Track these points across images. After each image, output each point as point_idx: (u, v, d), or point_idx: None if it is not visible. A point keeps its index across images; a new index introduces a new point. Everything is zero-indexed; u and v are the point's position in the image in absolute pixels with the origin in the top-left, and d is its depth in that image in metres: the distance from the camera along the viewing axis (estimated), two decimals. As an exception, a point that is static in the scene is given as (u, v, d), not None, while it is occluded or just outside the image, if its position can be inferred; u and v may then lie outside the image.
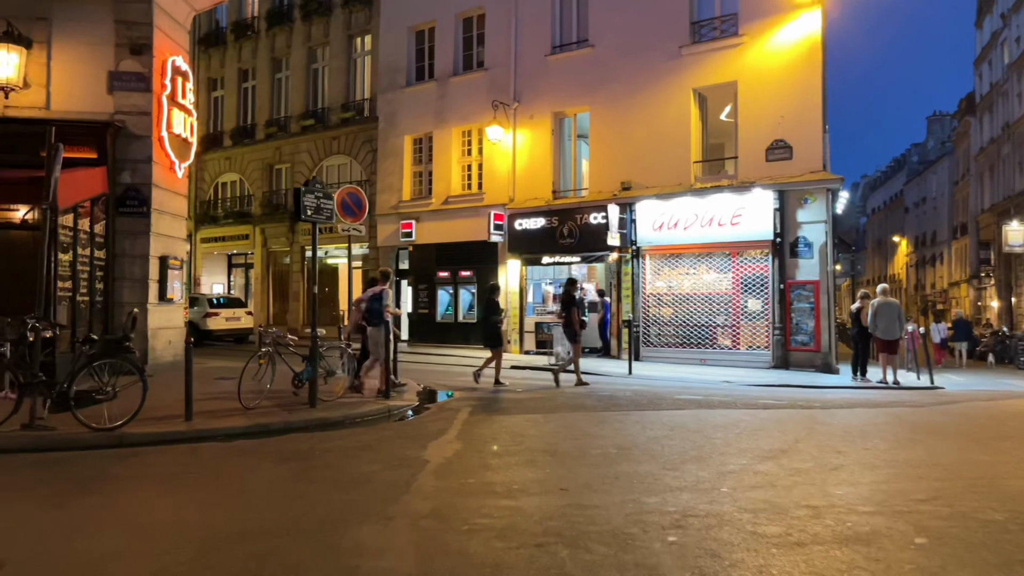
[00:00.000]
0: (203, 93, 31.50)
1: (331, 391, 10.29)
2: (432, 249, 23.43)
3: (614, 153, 19.81)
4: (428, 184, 23.93)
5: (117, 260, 12.98)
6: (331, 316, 27.12)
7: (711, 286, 18.38)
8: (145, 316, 13.01)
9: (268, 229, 28.69)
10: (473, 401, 10.92)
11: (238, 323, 25.06)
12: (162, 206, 13.49)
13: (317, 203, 9.80)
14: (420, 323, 23.79)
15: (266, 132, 28.83)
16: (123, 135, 13.01)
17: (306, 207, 9.60)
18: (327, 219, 10.00)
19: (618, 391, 12.17)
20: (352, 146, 26.13)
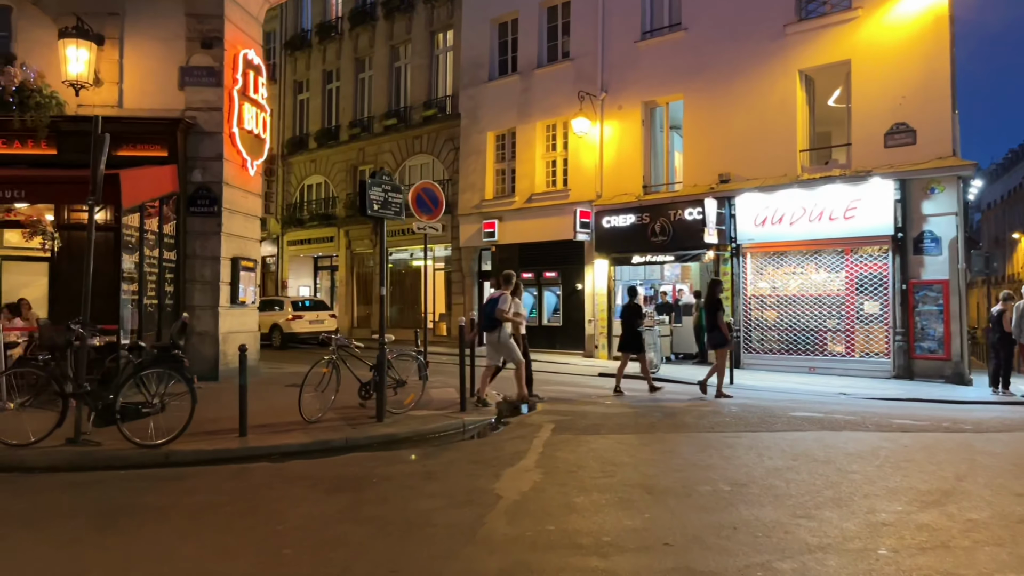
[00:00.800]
0: (289, 96, 31.61)
1: (401, 403, 9.39)
2: (515, 249, 22.45)
3: (710, 143, 18.32)
4: (511, 182, 22.97)
5: (188, 262, 12.52)
6: (414, 319, 26.57)
7: (821, 286, 16.66)
8: (216, 320, 12.50)
9: (352, 231, 28.39)
10: (557, 416, 9.81)
11: (321, 326, 24.69)
12: (233, 205, 12.97)
13: (384, 197, 8.91)
14: (504, 326, 22.81)
15: (350, 133, 28.55)
16: (194, 132, 12.54)
17: (372, 201, 8.71)
18: (395, 214, 9.09)
19: (721, 405, 10.82)
20: (434, 145, 25.46)
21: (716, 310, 12.24)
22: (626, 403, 11.22)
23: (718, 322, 12.16)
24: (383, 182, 8.89)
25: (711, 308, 12.40)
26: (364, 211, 8.62)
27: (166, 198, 12.10)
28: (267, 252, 32.22)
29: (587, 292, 20.50)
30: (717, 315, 12.18)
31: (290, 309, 24.30)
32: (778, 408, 10.38)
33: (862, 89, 16.09)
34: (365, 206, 8.63)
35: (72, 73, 11.73)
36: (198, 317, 12.49)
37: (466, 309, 24.00)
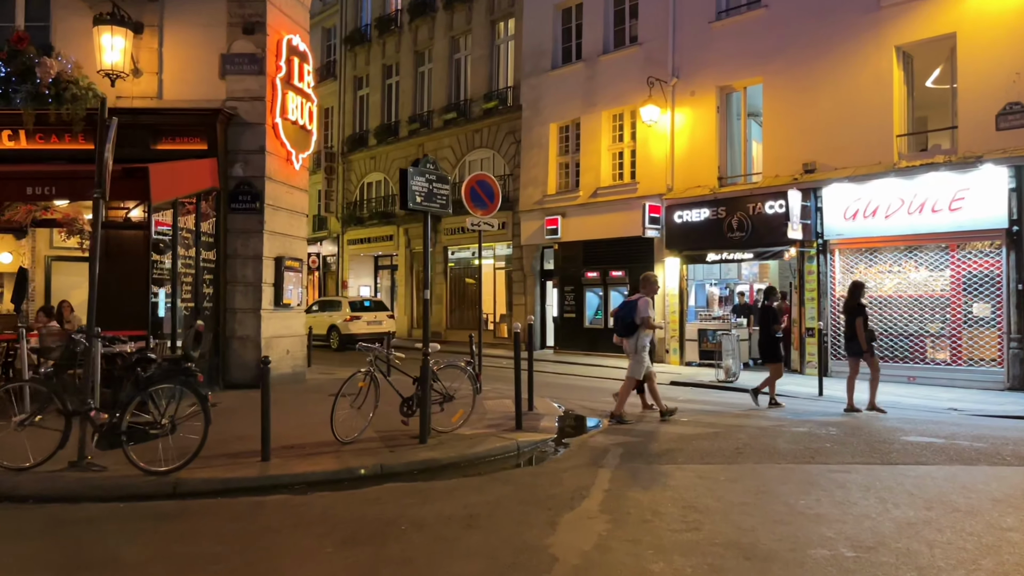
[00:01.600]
0: (349, 93, 31.11)
1: (449, 420, 8.33)
2: (579, 247, 21.22)
3: (793, 130, 16.73)
4: (575, 176, 21.75)
5: (228, 262, 11.76)
6: (474, 321, 25.61)
7: (921, 286, 14.93)
8: (259, 323, 11.71)
9: (411, 229, 27.62)
10: (625, 436, 8.60)
11: (379, 327, 23.99)
12: (277, 201, 12.17)
13: (429, 188, 7.86)
14: (566, 328, 21.64)
15: (409, 129, 27.79)
16: (235, 124, 11.78)
17: (414, 192, 7.66)
18: (441, 208, 8.03)
19: (816, 424, 9.41)
20: (495, 139, 24.44)
21: (856, 315, 10.90)
22: (704, 420, 9.91)
23: (857, 329, 10.84)
24: (427, 171, 7.84)
25: (851, 313, 11.04)
26: (405, 204, 7.58)
27: (205, 194, 11.35)
28: (328, 251, 31.82)
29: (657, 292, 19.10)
30: (857, 321, 10.85)
31: (347, 310, 23.66)
32: (885, 429, 8.92)
33: (969, 66, 14.30)
34: (406, 198, 7.58)
35: (107, 62, 11.09)
36: (239, 321, 11.73)
37: (527, 310, 22.91)
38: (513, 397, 10.41)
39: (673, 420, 9.78)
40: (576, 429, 9.49)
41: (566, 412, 10.61)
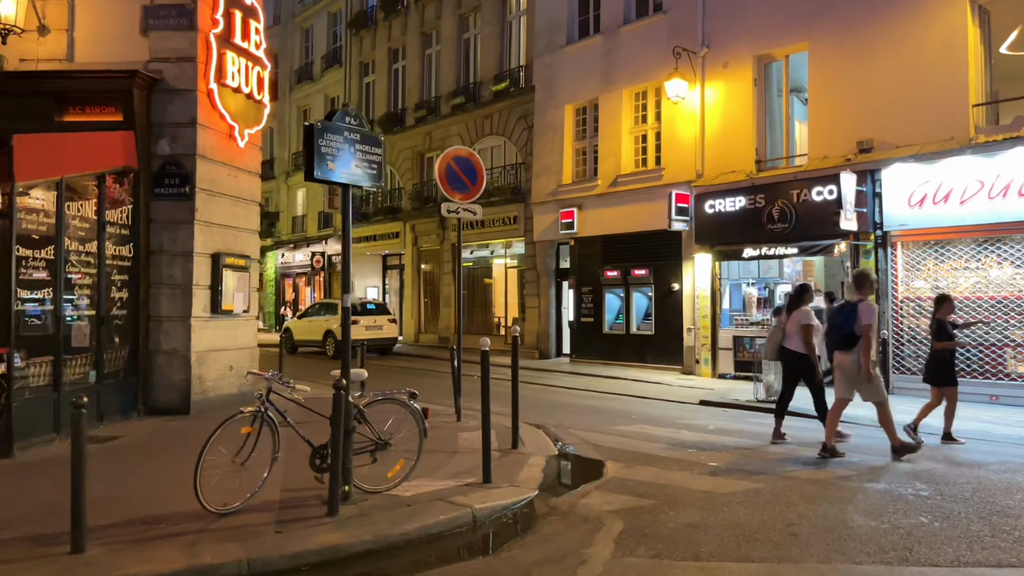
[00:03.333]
0: (355, 81, 29.08)
1: (383, 476, 6.05)
2: (597, 243, 18.83)
3: (845, 103, 14.18)
4: (592, 163, 19.37)
5: (152, 259, 9.63)
6: (486, 324, 23.38)
7: (1005, 286, 12.31)
8: (187, 334, 9.55)
9: (418, 226, 25.46)
10: (631, 496, 6.24)
11: (380, 332, 21.86)
12: (215, 185, 10.01)
13: (349, 150, 5.59)
14: (583, 335, 19.25)
15: (415, 117, 25.63)
16: (160, 91, 9.65)
17: (324, 157, 5.40)
18: (373, 181, 5.76)
19: (897, 476, 6.96)
20: (506, 124, 22.14)
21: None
22: (741, 463, 7.50)
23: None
24: (343, 127, 5.57)
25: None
26: (311, 174, 5.33)
27: (118, 175, 9.22)
28: (333, 251, 29.84)
29: (686, 293, 16.69)
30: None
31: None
32: (995, 483, 6.45)
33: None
34: (313, 166, 5.32)
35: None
36: (165, 331, 9.59)
37: (541, 313, 20.59)
38: (506, 425, 8.22)
39: (698, 463, 7.40)
40: (571, 479, 7.18)
41: (562, 451, 8.28)
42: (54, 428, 7.77)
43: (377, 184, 5.79)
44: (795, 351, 8.77)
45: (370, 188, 5.86)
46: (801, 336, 8.64)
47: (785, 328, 9.00)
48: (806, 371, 8.71)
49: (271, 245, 34.10)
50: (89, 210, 8.57)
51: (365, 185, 5.71)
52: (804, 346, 8.62)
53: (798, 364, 8.77)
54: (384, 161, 5.85)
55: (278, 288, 34.10)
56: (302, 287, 32.54)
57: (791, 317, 8.88)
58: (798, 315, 8.78)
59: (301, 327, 23.18)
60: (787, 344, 8.88)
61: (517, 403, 8.26)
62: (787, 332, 8.92)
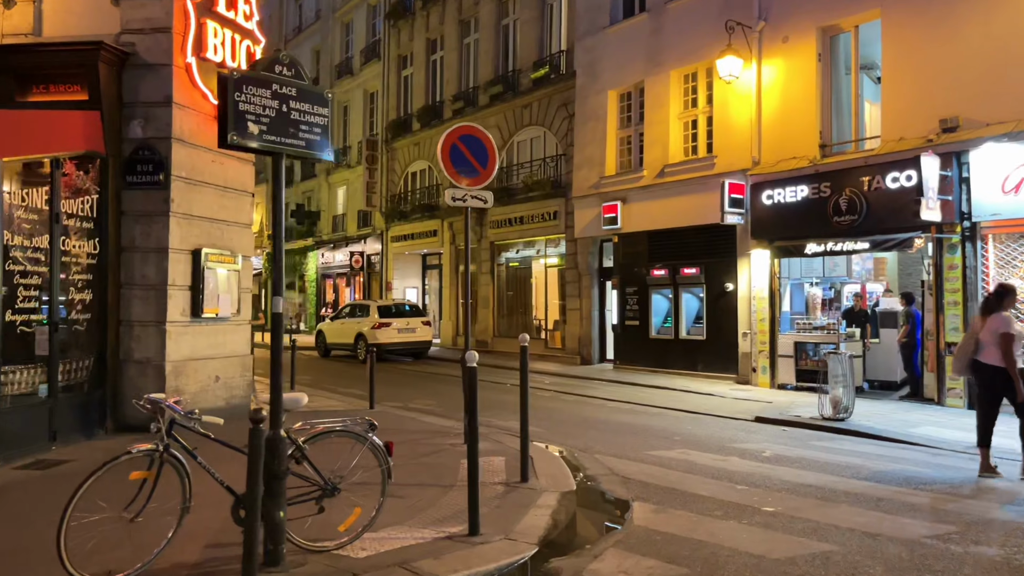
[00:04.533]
0: (393, 74, 28.06)
1: (332, 529, 4.71)
2: (642, 239, 17.27)
3: (925, 75, 12.37)
4: (638, 152, 17.81)
5: (124, 256, 8.55)
6: (525, 326, 21.98)
7: (1124, 286, 10.39)
8: (162, 341, 8.43)
9: (456, 223, 24.20)
10: (656, 561, 4.80)
11: (413, 335, 20.71)
12: (195, 173, 8.87)
13: (280, 109, 4.29)
14: (628, 339, 17.70)
15: (453, 109, 24.42)
16: (132, 66, 8.56)
17: (244, 116, 4.11)
18: (316, 149, 4.45)
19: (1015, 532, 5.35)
20: (545, 114, 20.73)
21: None
22: (806, 509, 5.96)
23: None
24: (273, 78, 4.27)
25: None
26: (222, 138, 4.04)
27: (82, 160, 8.16)
28: (372, 250, 28.89)
29: (741, 294, 15.03)
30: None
31: (375, 316, 20.41)
32: None
33: None
34: (226, 127, 4.04)
35: (-55, -19, 8.06)
36: (137, 338, 8.50)
37: (583, 316, 19.11)
38: (519, 449, 6.87)
39: (753, 506, 5.90)
40: (585, 528, 5.75)
41: (583, 484, 6.85)
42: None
43: (318, 155, 4.47)
44: (992, 365, 7.12)
45: (315, 159, 4.54)
46: (999, 347, 6.99)
47: (979, 337, 7.30)
48: (1005, 388, 7.05)
49: (312, 245, 33.39)
50: (39, 200, 7.50)
51: (303, 154, 4.40)
52: (1003, 358, 6.97)
53: (994, 380, 7.12)
54: (332, 124, 4.52)
55: (319, 289, 33.35)
56: (342, 288, 31.70)
57: (986, 324, 7.20)
58: (995, 321, 7.11)
59: (333, 330, 22.19)
60: (981, 357, 7.21)
61: (527, 426, 6.88)
62: (981, 342, 7.24)
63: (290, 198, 35.88)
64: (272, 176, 4.44)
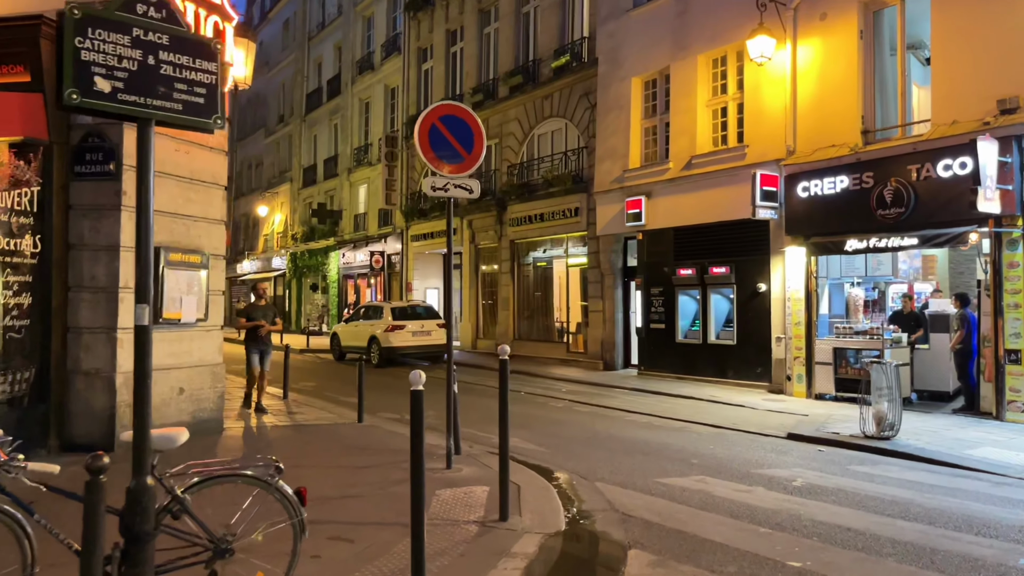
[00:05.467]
0: (413, 69, 27.20)
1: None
2: (668, 236, 16.08)
3: (979, 52, 11.04)
4: (664, 143, 16.63)
5: (72, 255, 7.68)
6: (546, 331, 20.93)
7: None
8: (113, 350, 7.55)
9: (475, 220, 23.24)
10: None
11: (428, 338, 19.74)
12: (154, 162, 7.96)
13: (143, 60, 3.31)
14: (653, 343, 16.52)
15: (472, 102, 23.42)
16: (81, 44, 7.68)
17: (86, 65, 3.14)
18: (195, 115, 3.46)
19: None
20: (567, 104, 19.63)
21: None
22: (849, 567, 4.82)
23: None
24: (132, 21, 3.29)
25: None
26: (59, 97, 3.07)
27: (21, 148, 7.31)
28: (392, 250, 28.07)
29: (774, 295, 13.79)
30: None
31: (389, 318, 19.51)
32: None
33: None
34: (62, 82, 3.07)
35: None
36: (85, 346, 7.63)
37: (605, 318, 17.98)
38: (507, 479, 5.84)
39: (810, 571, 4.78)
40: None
41: (573, 523, 5.78)
42: None
43: (200, 123, 3.48)
44: None
45: (194, 127, 3.55)
46: None
47: None
48: None
49: (334, 245, 32.72)
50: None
51: (178, 120, 3.42)
52: None
53: None
54: (220, 81, 3.52)
55: (340, 290, 32.65)
56: (363, 288, 30.94)
57: None
58: None
59: (347, 332, 21.36)
60: None
61: (507, 453, 5.83)
62: None
63: (312, 197, 35.30)
64: (137, 150, 3.45)
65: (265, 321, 11.07)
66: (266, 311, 11.40)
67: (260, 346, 11.05)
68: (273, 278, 40.22)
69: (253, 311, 11.34)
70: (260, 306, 11.48)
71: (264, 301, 11.83)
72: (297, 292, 36.90)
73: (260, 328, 11.02)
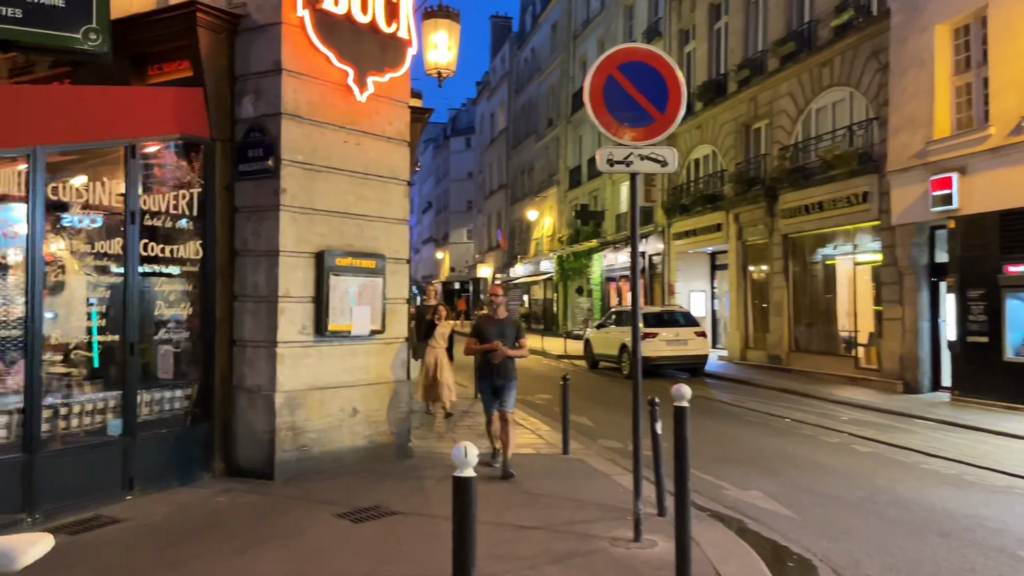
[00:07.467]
0: (675, 53, 25.04)
1: None
2: (991, 222, 12.34)
3: None
4: (981, 105, 12.88)
5: (238, 261, 7.06)
6: (827, 339, 17.67)
7: None
8: (272, 366, 6.78)
9: (742, 214, 20.52)
10: None
11: (684, 348, 17.65)
12: (317, 156, 7.10)
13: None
14: (971, 362, 12.81)
15: (737, 80, 20.78)
16: (244, 31, 7.05)
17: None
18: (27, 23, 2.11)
19: None
20: (850, 70, 16.30)
21: None
22: None
23: None
24: None
25: None
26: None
27: (182, 147, 6.81)
28: (654, 250, 26.20)
29: None
30: None
31: (640, 325, 17.64)
32: None
33: None
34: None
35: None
36: (248, 360, 6.95)
37: (905, 328, 14.52)
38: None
39: None
40: None
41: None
42: (23, 506, 5.45)
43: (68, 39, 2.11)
44: None
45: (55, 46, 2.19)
46: None
47: None
48: None
49: (597, 247, 31.61)
50: (105, 196, 6.20)
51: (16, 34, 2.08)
52: None
53: None
54: None
55: (604, 293, 31.42)
56: (625, 291, 29.40)
57: None
58: None
59: (599, 339, 19.96)
60: None
61: (687, 520, 3.86)
62: None
63: (577, 198, 34.58)
64: None
65: (501, 342, 7.33)
66: (503, 327, 7.49)
67: (492, 378, 7.39)
68: (542, 281, 40.30)
69: (485, 326, 7.57)
70: (498, 319, 7.58)
71: (503, 309, 7.72)
72: (564, 295, 36.48)
73: (491, 352, 7.34)
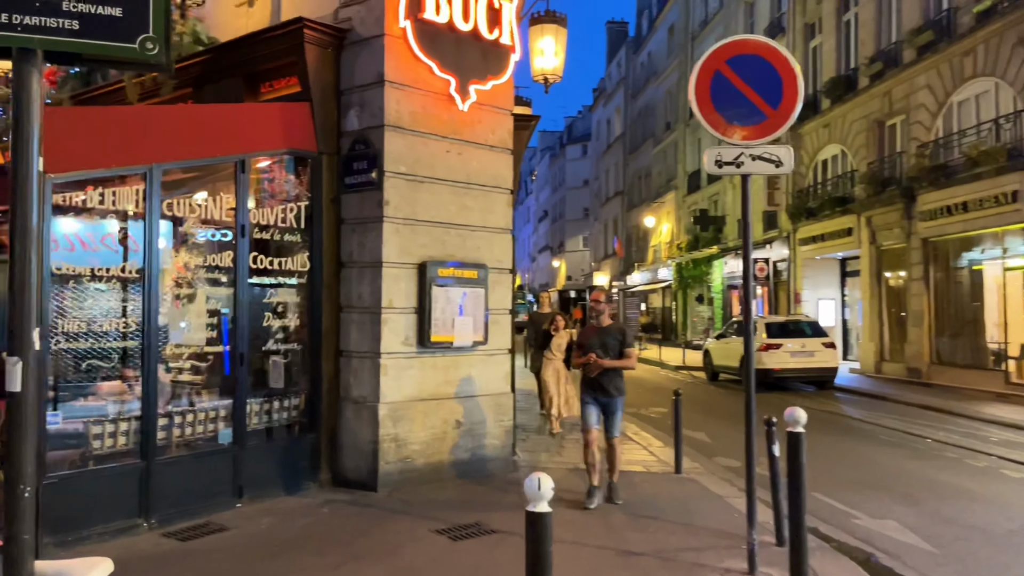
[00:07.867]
0: (799, 50, 23.90)
1: None
2: None
3: None
4: None
5: (343, 273, 7.14)
6: (973, 350, 16.23)
7: None
8: (376, 377, 6.80)
9: (875, 217, 19.22)
10: None
11: (810, 359, 16.66)
12: (420, 167, 7.08)
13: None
14: None
15: (869, 74, 19.52)
16: (349, 45, 7.14)
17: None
18: (82, 35, 2.07)
19: None
20: (996, 58, 14.95)
21: None
22: None
23: None
24: None
25: None
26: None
27: (290, 161, 6.97)
28: (778, 256, 25.05)
29: None
30: None
31: (763, 335, 16.87)
32: None
33: None
34: None
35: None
36: (354, 371, 7.00)
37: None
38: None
39: None
40: None
41: None
42: (139, 511, 5.67)
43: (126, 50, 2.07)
44: None
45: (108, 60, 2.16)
46: None
47: None
48: None
49: (717, 253, 30.55)
50: (218, 211, 6.40)
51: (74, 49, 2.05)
52: None
53: None
54: None
55: (725, 301, 30.32)
56: (748, 300, 28.21)
57: None
58: None
59: (719, 350, 19.19)
60: None
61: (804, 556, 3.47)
62: None
63: (696, 203, 33.60)
64: (15, 90, 2.17)
65: (603, 352, 6.47)
66: (605, 336, 6.58)
67: (596, 393, 6.51)
68: (660, 290, 39.42)
69: (587, 337, 6.72)
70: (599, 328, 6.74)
71: (606, 316, 6.82)
72: (683, 303, 35.49)
73: (587, 366, 6.50)
